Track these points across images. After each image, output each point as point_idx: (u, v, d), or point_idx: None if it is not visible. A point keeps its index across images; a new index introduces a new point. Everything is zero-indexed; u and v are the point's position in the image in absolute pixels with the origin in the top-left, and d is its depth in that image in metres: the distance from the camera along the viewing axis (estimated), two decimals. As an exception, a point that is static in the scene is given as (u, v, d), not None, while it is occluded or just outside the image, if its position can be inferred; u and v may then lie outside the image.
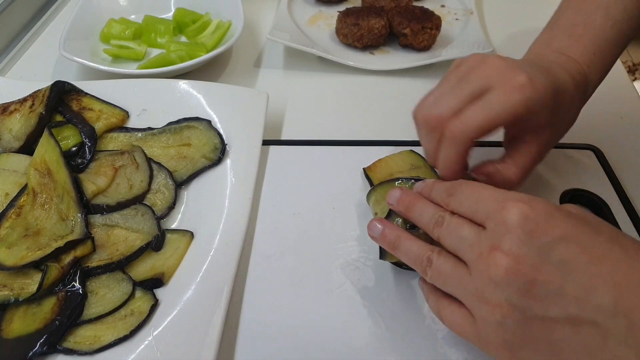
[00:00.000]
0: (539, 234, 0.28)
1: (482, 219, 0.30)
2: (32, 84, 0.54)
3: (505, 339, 0.28)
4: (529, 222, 0.28)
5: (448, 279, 0.32)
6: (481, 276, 0.29)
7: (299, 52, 0.65)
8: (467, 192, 0.33)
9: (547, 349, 0.28)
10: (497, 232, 0.29)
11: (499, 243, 0.28)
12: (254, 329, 0.39)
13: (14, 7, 0.69)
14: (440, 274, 0.32)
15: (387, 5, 0.70)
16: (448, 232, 0.32)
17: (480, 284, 0.29)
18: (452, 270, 0.31)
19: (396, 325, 0.39)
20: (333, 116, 0.59)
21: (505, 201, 0.29)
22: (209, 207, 0.45)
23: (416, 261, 0.34)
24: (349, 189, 0.49)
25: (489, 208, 0.30)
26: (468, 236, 0.31)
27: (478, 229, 0.31)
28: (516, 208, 0.29)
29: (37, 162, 0.45)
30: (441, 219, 0.33)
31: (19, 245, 0.40)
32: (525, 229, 0.28)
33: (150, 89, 0.54)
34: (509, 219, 0.28)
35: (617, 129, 0.57)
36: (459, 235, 0.31)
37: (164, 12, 0.72)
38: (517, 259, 0.27)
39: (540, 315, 0.27)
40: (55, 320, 0.37)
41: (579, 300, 0.26)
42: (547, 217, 0.28)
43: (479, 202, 0.31)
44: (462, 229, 0.31)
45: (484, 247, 0.29)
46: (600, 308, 0.26)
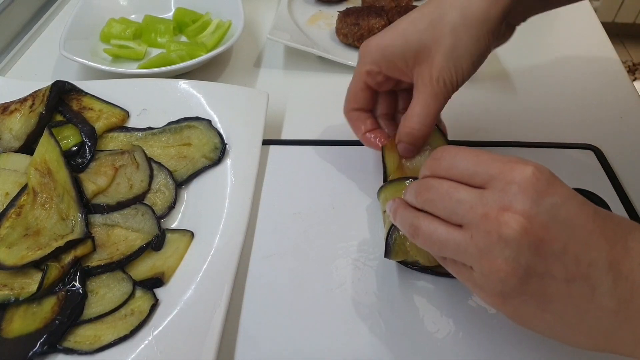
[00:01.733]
0: (549, 193, 0.28)
1: (484, 181, 0.30)
2: (32, 83, 0.54)
3: (503, 291, 0.29)
4: (540, 182, 0.28)
5: (444, 245, 0.31)
6: (488, 236, 0.28)
7: (299, 52, 0.65)
8: (461, 154, 0.32)
9: (539, 300, 0.29)
10: (508, 191, 0.28)
11: (510, 203, 0.28)
12: (254, 329, 0.39)
13: (14, 7, 0.69)
14: (433, 241, 0.32)
15: (387, 5, 0.70)
16: (439, 195, 0.31)
17: (485, 244, 0.29)
18: (447, 235, 0.31)
19: (396, 325, 0.39)
20: (333, 116, 0.59)
21: (511, 162, 0.29)
22: (209, 207, 0.46)
23: (403, 226, 0.34)
24: (349, 189, 0.49)
25: (492, 170, 0.30)
26: (466, 198, 0.30)
27: (477, 190, 0.30)
28: (527, 169, 0.29)
29: (37, 161, 0.45)
30: (426, 184, 0.32)
31: (19, 244, 0.40)
32: (536, 188, 0.28)
33: (151, 88, 0.54)
34: (520, 178, 0.28)
35: (617, 129, 0.57)
36: (455, 198, 0.30)
37: (164, 12, 0.72)
38: (530, 218, 0.28)
39: (542, 272, 0.28)
40: (55, 320, 0.37)
41: (577, 258, 0.28)
42: (552, 178, 0.29)
43: (479, 164, 0.30)
44: (456, 192, 0.30)
45: (490, 207, 0.29)
46: (594, 263, 0.28)
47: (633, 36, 2.28)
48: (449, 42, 0.39)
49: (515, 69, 0.65)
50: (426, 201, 0.32)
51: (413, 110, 0.41)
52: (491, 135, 0.56)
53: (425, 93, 0.40)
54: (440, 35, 0.39)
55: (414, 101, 0.41)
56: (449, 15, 0.39)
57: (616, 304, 0.27)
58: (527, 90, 0.62)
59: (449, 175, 0.32)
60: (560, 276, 0.28)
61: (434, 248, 0.32)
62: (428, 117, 0.41)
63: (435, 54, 0.39)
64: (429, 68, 0.40)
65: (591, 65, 0.66)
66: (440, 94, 0.40)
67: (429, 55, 0.40)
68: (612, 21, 2.21)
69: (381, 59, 0.42)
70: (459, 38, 0.39)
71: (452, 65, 0.39)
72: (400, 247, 0.40)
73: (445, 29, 0.39)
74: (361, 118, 0.46)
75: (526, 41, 0.71)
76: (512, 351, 0.37)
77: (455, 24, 0.38)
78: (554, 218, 0.28)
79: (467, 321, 0.39)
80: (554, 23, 0.75)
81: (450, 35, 0.39)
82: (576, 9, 0.77)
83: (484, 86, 0.62)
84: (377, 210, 0.46)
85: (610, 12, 2.18)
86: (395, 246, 0.40)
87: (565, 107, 0.60)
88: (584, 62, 0.66)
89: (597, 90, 0.62)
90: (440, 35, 0.39)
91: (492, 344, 0.38)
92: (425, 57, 0.40)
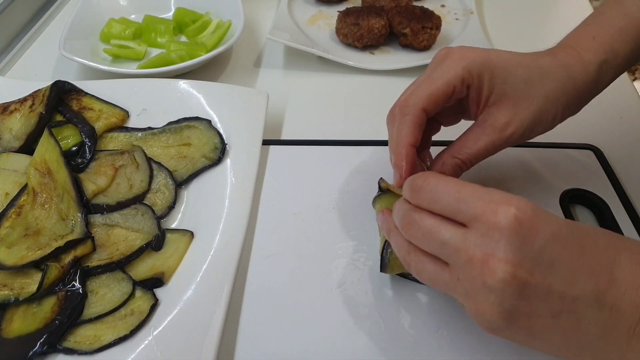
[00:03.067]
0: (531, 238, 0.28)
1: (466, 220, 0.29)
2: (32, 83, 0.54)
3: (491, 327, 0.30)
4: (522, 226, 0.28)
5: (432, 279, 0.32)
6: (473, 280, 0.29)
7: (299, 52, 0.65)
8: (442, 188, 0.31)
9: (527, 332, 0.29)
10: (491, 237, 0.28)
11: (493, 250, 0.28)
12: (254, 329, 0.39)
13: (14, 7, 0.69)
14: (423, 276, 0.32)
15: (387, 5, 0.70)
16: (422, 235, 0.31)
17: (471, 287, 0.29)
18: (435, 274, 0.31)
19: (396, 325, 0.39)
20: (333, 116, 0.59)
21: (492, 203, 0.29)
22: (209, 207, 0.46)
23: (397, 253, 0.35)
24: (349, 189, 0.49)
25: (474, 209, 0.29)
26: (451, 240, 0.30)
27: (459, 230, 0.30)
28: (509, 211, 0.28)
29: (37, 161, 0.45)
30: (409, 219, 0.32)
31: (19, 244, 0.40)
32: (519, 234, 0.28)
33: (150, 88, 0.54)
34: (502, 223, 0.28)
35: (617, 129, 0.57)
36: (439, 240, 0.30)
37: (164, 12, 0.72)
38: (514, 265, 0.28)
39: (527, 312, 0.28)
40: (55, 320, 0.37)
41: (562, 295, 0.28)
42: (535, 218, 0.28)
43: (461, 201, 0.30)
44: (440, 232, 0.30)
45: (474, 253, 0.29)
46: (579, 297, 0.28)
47: (633, 36, 2.28)
48: (543, 108, 0.38)
49: (515, 69, 0.65)
50: (411, 237, 0.32)
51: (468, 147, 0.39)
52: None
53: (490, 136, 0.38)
54: (543, 95, 0.38)
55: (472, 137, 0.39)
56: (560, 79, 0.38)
57: (601, 331, 0.28)
58: (527, 90, 0.62)
59: (431, 209, 0.31)
60: (546, 313, 0.28)
61: (425, 282, 0.33)
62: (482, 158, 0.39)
63: (524, 106, 0.38)
64: (510, 116, 0.38)
65: (591, 65, 0.66)
66: (500, 146, 0.39)
67: (516, 103, 0.38)
68: (612, 21, 2.20)
69: (482, 69, 0.38)
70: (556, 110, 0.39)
71: (531, 128, 0.38)
72: (396, 261, 0.39)
73: (552, 95, 0.38)
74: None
75: (526, 41, 0.71)
76: (512, 351, 0.37)
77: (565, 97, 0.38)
78: (537, 262, 0.28)
79: (467, 321, 0.39)
80: (554, 23, 0.75)
81: (553, 105, 0.38)
82: (576, 9, 0.77)
83: (484, 86, 0.62)
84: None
85: (610, 12, 2.18)
86: (391, 260, 0.39)
87: (565, 107, 0.60)
88: (584, 62, 0.66)
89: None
90: (543, 95, 0.38)
91: (493, 343, 0.38)
92: (513, 102, 0.38)
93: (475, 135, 0.39)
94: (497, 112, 0.38)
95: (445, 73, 0.38)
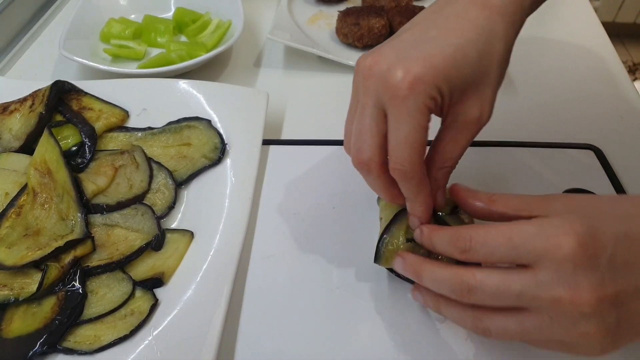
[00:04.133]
0: (598, 252, 0.28)
1: (530, 262, 0.29)
2: (32, 83, 0.54)
3: (603, 349, 0.30)
4: (587, 247, 0.28)
5: (523, 334, 0.31)
6: (568, 316, 0.29)
7: (299, 52, 0.65)
8: (492, 241, 0.30)
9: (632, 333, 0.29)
10: (564, 271, 0.28)
11: (575, 283, 0.28)
12: (253, 329, 0.39)
13: (14, 7, 0.69)
14: (509, 335, 0.31)
15: (387, 4, 0.70)
16: (491, 295, 0.30)
17: (569, 323, 0.29)
18: (523, 326, 0.30)
19: (396, 325, 0.39)
20: (333, 116, 0.58)
21: (550, 238, 0.28)
22: (209, 207, 0.45)
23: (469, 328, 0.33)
24: (349, 189, 0.49)
25: (536, 251, 0.29)
26: (525, 290, 0.29)
27: (528, 275, 0.29)
28: (569, 242, 0.28)
29: (37, 161, 0.45)
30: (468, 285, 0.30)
31: (19, 244, 0.40)
32: (587, 254, 0.28)
33: (150, 88, 0.54)
34: (569, 255, 0.28)
35: (617, 129, 0.57)
36: (513, 294, 0.29)
37: (164, 12, 0.72)
38: (599, 287, 0.28)
39: (627, 316, 0.29)
40: (55, 320, 0.37)
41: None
42: (593, 232, 0.28)
43: (518, 249, 0.29)
44: (510, 286, 0.29)
45: (557, 292, 0.28)
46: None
47: (633, 36, 2.28)
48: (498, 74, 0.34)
49: (516, 68, 0.65)
50: (478, 301, 0.31)
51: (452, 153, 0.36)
52: (491, 135, 0.56)
53: (469, 132, 0.35)
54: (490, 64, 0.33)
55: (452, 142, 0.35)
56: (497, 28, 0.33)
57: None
58: (527, 90, 0.62)
59: (489, 262, 0.31)
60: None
61: (514, 337, 0.31)
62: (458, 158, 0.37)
63: (485, 87, 0.34)
64: (479, 104, 0.34)
65: (591, 65, 0.66)
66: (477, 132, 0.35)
67: (478, 89, 0.33)
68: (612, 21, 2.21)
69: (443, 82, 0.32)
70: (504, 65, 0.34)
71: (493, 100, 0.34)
72: (390, 254, 0.39)
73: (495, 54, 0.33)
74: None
75: (526, 41, 0.71)
76: (513, 352, 0.37)
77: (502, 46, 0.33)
78: (615, 270, 0.28)
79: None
80: (554, 23, 0.75)
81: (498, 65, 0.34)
82: (576, 9, 0.77)
83: (484, 86, 0.62)
84: (377, 210, 0.46)
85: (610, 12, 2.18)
86: (386, 252, 0.39)
87: (565, 107, 0.60)
88: (584, 62, 0.66)
89: (597, 90, 0.62)
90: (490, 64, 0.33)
91: (493, 344, 0.38)
92: (475, 89, 0.33)
93: (452, 137, 0.35)
94: (464, 107, 0.34)
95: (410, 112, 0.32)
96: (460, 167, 0.52)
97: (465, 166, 0.51)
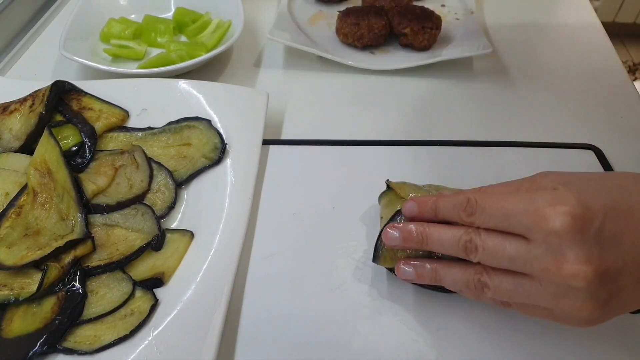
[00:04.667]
0: (587, 225, 0.29)
1: (522, 232, 0.30)
2: (32, 83, 0.53)
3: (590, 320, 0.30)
4: (575, 219, 0.29)
5: (514, 294, 0.32)
6: (557, 286, 0.29)
7: (299, 52, 0.65)
8: (490, 208, 0.32)
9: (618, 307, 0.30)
10: (552, 243, 0.29)
11: (561, 255, 0.29)
12: (254, 329, 0.39)
13: (14, 7, 0.69)
14: (502, 292, 0.32)
15: (387, 4, 0.70)
16: (490, 254, 0.32)
17: (557, 291, 0.30)
18: (515, 285, 0.31)
19: (396, 325, 0.39)
20: (333, 116, 0.59)
21: (539, 210, 0.29)
22: (209, 207, 0.45)
23: (467, 286, 0.34)
24: (349, 189, 0.49)
25: (525, 222, 0.30)
26: (517, 254, 0.30)
27: (521, 242, 0.30)
28: (556, 213, 0.29)
29: (37, 161, 0.45)
30: (472, 244, 0.32)
31: (19, 244, 0.40)
32: (575, 228, 0.28)
33: (150, 88, 0.54)
34: (556, 227, 0.29)
35: (617, 129, 0.57)
36: (507, 256, 0.31)
37: (164, 12, 0.72)
38: (587, 261, 0.28)
39: (615, 290, 0.29)
40: (55, 320, 0.37)
41: (636, 261, 0.29)
42: (582, 204, 0.29)
43: (509, 217, 0.31)
44: (504, 249, 0.31)
45: (546, 262, 0.29)
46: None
47: (633, 36, 2.28)
48: None
49: (515, 68, 0.65)
50: (481, 259, 0.32)
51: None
52: (491, 135, 0.56)
53: None
54: None
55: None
56: None
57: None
58: (527, 90, 0.62)
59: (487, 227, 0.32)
60: (631, 282, 0.29)
61: (503, 298, 0.33)
62: None
63: None
64: None
65: (591, 65, 0.66)
66: None
67: None
68: (612, 21, 2.21)
69: None
70: None
71: None
72: (388, 254, 0.39)
73: None
74: None
75: (526, 41, 0.71)
76: (513, 351, 0.37)
77: None
78: (604, 244, 0.29)
79: (469, 319, 0.39)
80: (554, 23, 0.75)
81: None
82: (576, 9, 0.77)
83: (484, 86, 0.62)
84: (377, 210, 0.46)
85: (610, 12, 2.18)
86: (384, 252, 0.39)
87: (565, 107, 0.60)
88: (584, 62, 0.66)
89: (597, 90, 0.62)
90: None
91: (493, 344, 0.38)
92: None
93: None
94: None
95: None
96: (461, 167, 0.53)
97: (466, 166, 0.51)
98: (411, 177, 0.45)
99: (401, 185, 0.43)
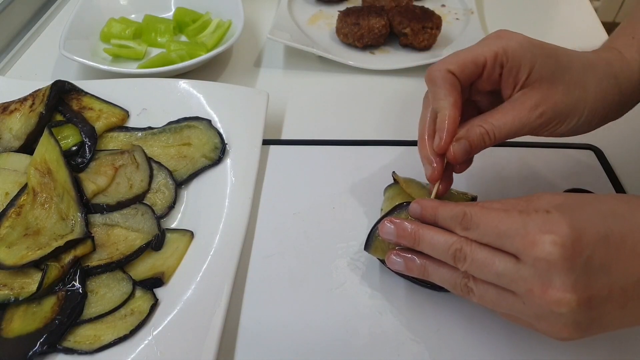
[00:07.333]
0: (575, 254, 0.28)
1: (513, 252, 0.30)
2: (32, 83, 0.53)
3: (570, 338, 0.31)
4: (565, 249, 0.28)
5: (497, 305, 0.32)
6: (539, 307, 0.29)
7: (299, 52, 0.65)
8: (484, 226, 0.32)
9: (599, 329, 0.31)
10: (540, 268, 0.29)
11: (548, 281, 0.29)
12: (254, 329, 0.39)
13: (14, 7, 0.69)
14: (486, 301, 0.33)
15: (387, 4, 0.70)
16: (478, 267, 0.32)
17: (540, 312, 0.30)
18: (499, 298, 0.32)
19: (396, 325, 0.39)
20: (333, 116, 0.59)
21: (529, 236, 0.29)
22: (209, 206, 0.45)
23: (453, 288, 0.34)
24: (349, 189, 0.49)
25: (516, 244, 0.30)
26: (505, 272, 0.30)
27: (511, 260, 0.30)
28: (545, 242, 0.29)
29: (37, 161, 0.45)
30: (461, 254, 0.32)
31: (19, 244, 0.40)
32: (563, 256, 0.28)
33: (150, 88, 0.54)
34: (546, 254, 0.29)
35: (617, 129, 0.57)
36: (494, 272, 0.31)
37: (164, 12, 0.72)
38: (572, 290, 0.28)
39: (598, 316, 0.29)
40: (55, 320, 0.37)
41: (624, 288, 0.29)
42: (573, 233, 0.29)
43: (502, 237, 0.31)
44: (493, 264, 0.31)
45: (531, 284, 0.29)
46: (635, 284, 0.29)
47: (633, 36, 2.28)
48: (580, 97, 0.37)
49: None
50: (468, 269, 0.32)
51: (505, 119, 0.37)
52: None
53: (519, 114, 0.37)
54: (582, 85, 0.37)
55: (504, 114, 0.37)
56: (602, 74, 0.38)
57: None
58: (527, 90, 0.62)
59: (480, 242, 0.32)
60: (615, 309, 0.29)
61: (486, 306, 0.33)
62: (507, 135, 0.37)
63: (563, 90, 0.37)
64: (544, 97, 0.37)
65: (591, 65, 0.66)
66: (527, 125, 0.37)
67: (554, 86, 0.37)
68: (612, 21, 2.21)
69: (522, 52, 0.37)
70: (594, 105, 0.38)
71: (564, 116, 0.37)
72: (380, 244, 0.39)
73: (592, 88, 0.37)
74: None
75: (526, 41, 0.71)
76: (512, 350, 0.37)
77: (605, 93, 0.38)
78: (591, 273, 0.29)
79: (468, 319, 0.39)
80: (554, 23, 0.75)
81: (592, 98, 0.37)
82: (576, 9, 0.77)
83: (484, 86, 0.62)
84: (377, 210, 0.46)
85: (610, 12, 2.18)
86: (377, 241, 0.39)
87: (565, 107, 0.60)
88: (584, 62, 0.66)
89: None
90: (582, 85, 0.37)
91: (492, 344, 0.38)
92: (551, 84, 0.37)
93: (503, 109, 0.38)
94: (530, 92, 0.37)
95: (479, 46, 0.38)
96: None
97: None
98: (411, 177, 0.45)
99: (407, 181, 0.44)
